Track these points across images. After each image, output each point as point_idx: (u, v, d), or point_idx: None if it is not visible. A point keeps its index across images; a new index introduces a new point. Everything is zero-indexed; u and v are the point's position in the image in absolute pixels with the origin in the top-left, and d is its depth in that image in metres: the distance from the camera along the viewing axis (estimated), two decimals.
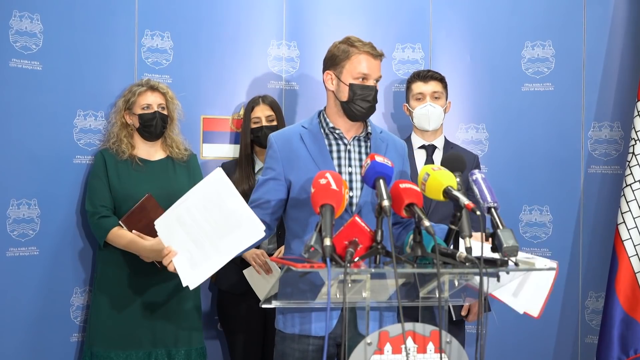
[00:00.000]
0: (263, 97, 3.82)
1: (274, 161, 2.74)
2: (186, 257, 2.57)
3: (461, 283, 2.27)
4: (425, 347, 2.12)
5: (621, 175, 3.87)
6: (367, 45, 2.71)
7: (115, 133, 3.55)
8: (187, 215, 2.59)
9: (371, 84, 2.70)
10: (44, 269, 3.54)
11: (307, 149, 2.72)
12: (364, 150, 2.77)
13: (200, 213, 2.56)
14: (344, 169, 2.72)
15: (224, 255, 2.48)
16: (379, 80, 2.74)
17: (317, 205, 2.15)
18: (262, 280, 3.61)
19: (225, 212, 2.49)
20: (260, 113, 3.78)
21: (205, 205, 2.55)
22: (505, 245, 2.08)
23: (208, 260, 2.50)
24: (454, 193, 2.20)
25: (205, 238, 2.53)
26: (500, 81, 4.11)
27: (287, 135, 2.79)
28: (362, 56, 2.70)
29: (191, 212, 2.58)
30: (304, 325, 2.66)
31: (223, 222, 2.49)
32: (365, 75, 2.69)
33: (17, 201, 3.46)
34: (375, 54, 2.71)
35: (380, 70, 2.74)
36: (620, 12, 3.97)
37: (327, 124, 2.76)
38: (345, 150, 2.75)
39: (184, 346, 3.48)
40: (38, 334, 3.51)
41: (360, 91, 2.69)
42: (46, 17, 3.54)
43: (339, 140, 2.75)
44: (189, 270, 2.55)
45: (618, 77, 3.97)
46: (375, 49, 2.72)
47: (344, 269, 2.02)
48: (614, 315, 3.74)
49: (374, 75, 2.72)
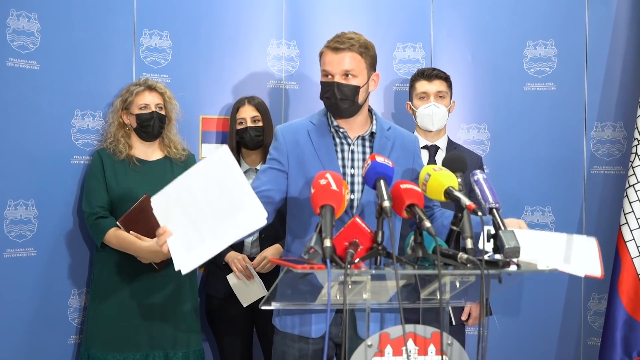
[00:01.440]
0: (249, 98, 3.79)
1: (279, 153, 2.70)
2: (182, 239, 2.38)
3: (462, 284, 2.26)
4: (427, 349, 2.12)
5: (624, 176, 3.85)
6: (332, 40, 2.66)
7: (112, 133, 3.54)
8: (186, 194, 2.40)
9: (334, 79, 2.63)
10: (41, 270, 3.53)
11: (314, 145, 2.69)
12: (368, 150, 2.74)
13: (201, 193, 2.37)
14: (347, 170, 2.70)
15: (222, 240, 2.29)
16: (351, 74, 2.63)
17: (317, 206, 2.13)
18: (244, 286, 3.60)
19: (228, 194, 2.32)
20: (245, 114, 3.75)
21: (207, 184, 2.37)
22: (507, 246, 2.07)
23: (204, 245, 2.31)
24: (455, 194, 2.19)
25: (204, 220, 2.33)
26: (501, 81, 4.09)
27: (294, 128, 2.75)
28: (325, 51, 2.68)
29: (191, 191, 2.39)
30: (303, 327, 2.64)
31: (224, 205, 2.31)
32: (325, 71, 2.66)
33: (14, 202, 3.45)
34: (336, 47, 2.62)
35: (348, 63, 2.62)
36: (623, 11, 3.95)
37: (332, 122, 2.73)
38: (348, 151, 2.72)
39: (181, 348, 3.46)
40: (35, 336, 3.50)
41: (323, 88, 2.67)
42: (43, 16, 3.53)
43: (343, 139, 2.72)
44: (184, 253, 2.36)
45: (621, 77, 3.95)
46: (339, 41, 2.62)
47: (344, 270, 2.01)
48: (616, 317, 3.72)
49: (335, 70, 2.63)
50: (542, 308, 4.02)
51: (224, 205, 2.30)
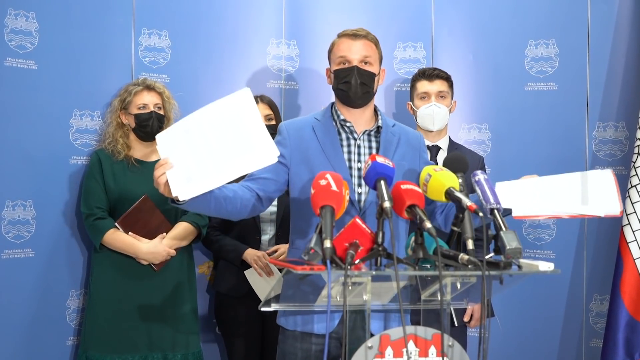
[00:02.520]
0: (261, 97, 3.78)
1: (282, 146, 2.67)
2: (182, 171, 2.26)
3: (463, 286, 2.25)
4: (427, 350, 2.10)
5: (626, 176, 3.83)
6: (346, 31, 2.73)
7: (110, 133, 3.52)
8: (196, 130, 2.30)
9: (355, 64, 2.68)
10: (39, 271, 3.51)
11: (319, 140, 2.69)
12: (374, 145, 2.73)
13: (213, 129, 2.28)
14: (354, 164, 2.69)
15: (227, 173, 2.22)
16: (368, 61, 2.70)
17: (317, 206, 2.12)
18: (263, 282, 3.59)
19: (241, 133, 2.24)
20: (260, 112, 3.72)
21: (221, 122, 2.28)
22: (509, 247, 2.05)
23: (207, 176, 2.23)
24: (456, 194, 2.17)
25: (210, 156, 2.24)
26: (503, 80, 4.09)
27: (298, 124, 2.75)
28: (340, 40, 2.72)
29: (202, 127, 2.29)
30: (306, 324, 2.63)
31: (235, 143, 2.24)
32: (343, 57, 2.69)
33: (12, 202, 3.44)
34: (355, 34, 2.70)
35: (368, 50, 2.70)
36: (625, 10, 3.94)
37: (339, 115, 2.73)
38: (355, 145, 2.71)
39: (180, 350, 3.45)
40: (33, 337, 3.49)
41: (340, 75, 2.69)
42: (42, 15, 3.52)
43: (349, 134, 2.72)
44: (183, 182, 2.24)
45: (623, 76, 3.94)
46: (357, 30, 2.71)
47: (344, 271, 2.00)
48: (618, 318, 3.71)
49: (354, 56, 2.69)
50: (543, 309, 4.01)
51: (235, 143, 2.24)
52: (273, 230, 3.66)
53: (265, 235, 3.67)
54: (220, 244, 3.66)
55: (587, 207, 2.34)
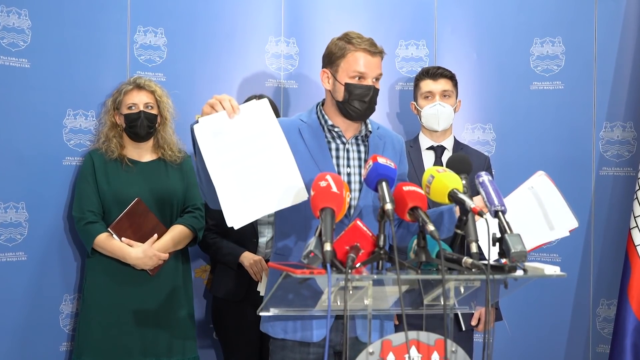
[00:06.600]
0: (259, 97, 3.71)
1: None
2: (234, 184, 2.35)
3: (467, 290, 2.25)
4: (430, 356, 2.08)
5: (634, 177, 3.81)
6: (365, 42, 2.64)
7: (104, 133, 3.51)
8: (230, 134, 2.38)
9: (368, 83, 2.63)
10: (32, 275, 3.49)
11: (306, 144, 2.65)
12: (363, 149, 2.72)
13: (244, 140, 2.38)
14: (343, 169, 2.67)
15: (272, 204, 2.37)
16: (378, 78, 2.67)
17: (317, 208, 2.11)
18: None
19: (270, 155, 2.38)
20: None
21: (248, 134, 2.38)
22: (513, 250, 2.05)
23: (258, 201, 2.35)
24: (459, 196, 2.16)
25: (251, 173, 2.36)
26: (508, 79, 4.06)
27: (284, 126, 2.68)
28: (359, 53, 2.63)
29: (235, 133, 2.38)
30: (296, 332, 2.61)
31: (269, 166, 2.37)
32: (362, 73, 2.63)
33: (4, 204, 3.41)
34: (374, 51, 2.64)
35: (381, 67, 2.67)
36: (633, 7, 3.91)
37: (326, 121, 2.70)
38: (344, 150, 2.69)
39: (176, 356, 3.43)
40: (26, 342, 3.46)
41: (356, 91, 2.62)
42: (34, 12, 3.49)
43: (337, 139, 2.69)
44: (238, 202, 2.36)
45: (631, 75, 3.91)
46: (374, 45, 2.65)
47: (345, 275, 1.98)
48: (626, 323, 3.69)
49: (372, 74, 2.64)
50: (550, 314, 3.99)
51: (269, 166, 2.38)
52: (271, 233, 3.63)
53: (263, 238, 3.64)
54: (217, 247, 3.64)
55: (555, 232, 2.35)
